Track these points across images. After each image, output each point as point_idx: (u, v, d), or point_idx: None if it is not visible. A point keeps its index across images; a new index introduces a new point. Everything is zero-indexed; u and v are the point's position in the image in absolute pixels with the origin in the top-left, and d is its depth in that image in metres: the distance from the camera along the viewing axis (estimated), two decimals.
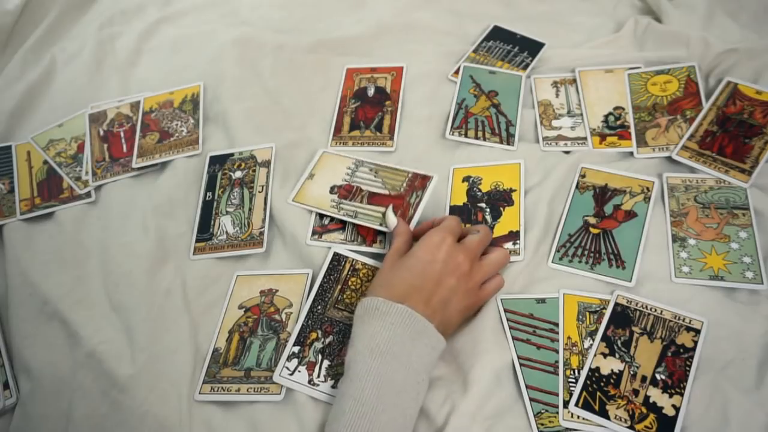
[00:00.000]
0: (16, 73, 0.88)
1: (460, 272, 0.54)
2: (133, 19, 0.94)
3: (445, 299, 0.53)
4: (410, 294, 0.52)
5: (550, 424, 0.52)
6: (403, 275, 0.54)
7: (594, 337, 0.56)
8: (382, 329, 0.50)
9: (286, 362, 0.56)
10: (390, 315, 0.50)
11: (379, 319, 0.51)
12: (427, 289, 0.53)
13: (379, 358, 0.48)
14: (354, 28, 0.88)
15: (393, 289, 0.53)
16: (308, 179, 0.67)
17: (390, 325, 0.50)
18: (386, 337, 0.49)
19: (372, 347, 0.49)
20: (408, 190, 0.67)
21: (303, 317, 0.58)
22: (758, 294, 0.58)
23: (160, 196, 0.71)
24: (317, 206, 0.66)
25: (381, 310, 0.51)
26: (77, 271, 0.66)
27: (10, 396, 0.58)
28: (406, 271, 0.54)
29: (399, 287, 0.53)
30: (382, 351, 0.49)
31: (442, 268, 0.54)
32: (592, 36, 0.84)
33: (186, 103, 0.80)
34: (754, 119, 0.69)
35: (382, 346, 0.49)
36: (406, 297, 0.52)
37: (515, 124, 0.74)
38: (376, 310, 0.51)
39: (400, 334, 0.50)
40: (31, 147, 0.78)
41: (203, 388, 0.56)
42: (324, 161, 0.68)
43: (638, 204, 0.65)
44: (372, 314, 0.51)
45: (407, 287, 0.53)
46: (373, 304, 0.52)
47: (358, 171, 0.68)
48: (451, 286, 0.54)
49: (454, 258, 0.54)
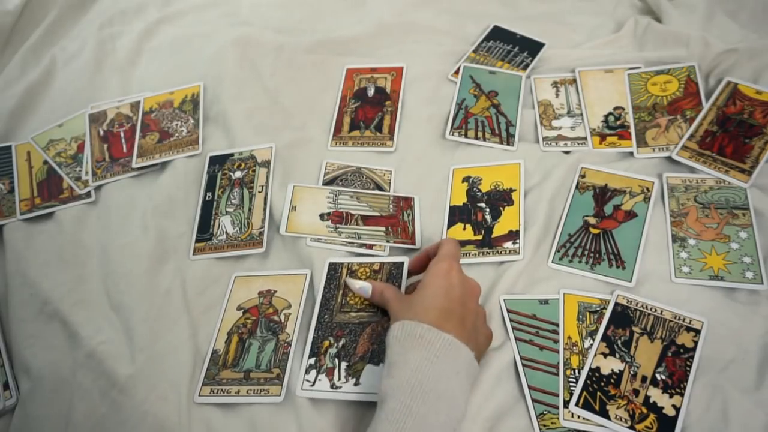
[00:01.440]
0: (16, 73, 0.88)
1: (476, 295, 0.53)
2: (133, 19, 0.94)
3: (474, 323, 0.51)
4: (446, 318, 0.48)
5: (553, 425, 0.52)
6: (431, 300, 0.49)
7: (594, 337, 0.56)
8: (427, 363, 0.45)
9: (305, 375, 0.55)
10: (434, 346, 0.46)
11: (422, 350, 0.46)
12: (458, 312, 0.49)
13: (420, 397, 0.43)
14: (354, 28, 0.88)
15: (428, 314, 0.48)
16: (292, 211, 0.66)
17: (435, 359, 0.45)
18: (431, 374, 0.44)
19: (414, 384, 0.44)
20: (397, 210, 0.67)
21: (312, 329, 0.58)
22: (758, 294, 0.58)
23: (160, 196, 0.71)
24: (313, 233, 0.65)
25: (425, 339, 0.46)
26: (77, 271, 0.66)
27: (10, 396, 0.58)
28: (431, 297, 0.50)
29: (433, 311, 0.48)
30: (425, 390, 0.44)
31: (462, 291, 0.51)
32: (592, 36, 0.84)
33: (186, 103, 0.80)
34: (754, 119, 0.69)
35: (425, 384, 0.44)
36: (443, 321, 0.47)
37: (515, 124, 0.74)
38: (421, 339, 0.46)
39: (446, 371, 0.45)
40: (31, 147, 0.78)
41: (203, 390, 0.56)
42: (299, 193, 0.68)
43: (638, 204, 0.65)
44: (414, 342, 0.46)
45: (440, 311, 0.48)
46: (417, 331, 0.47)
47: (339, 198, 0.68)
48: (475, 310, 0.52)
49: (468, 281, 0.53)
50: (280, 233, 0.65)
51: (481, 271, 0.62)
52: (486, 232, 0.65)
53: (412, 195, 0.69)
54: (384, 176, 0.71)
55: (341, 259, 0.62)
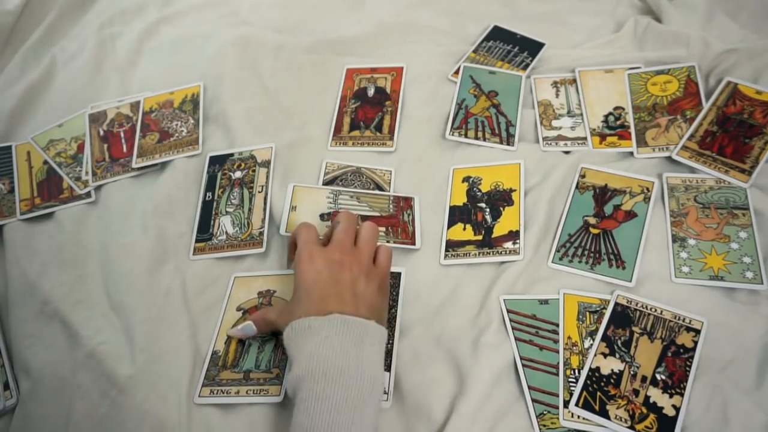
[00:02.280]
0: (16, 73, 0.88)
1: (346, 265, 0.52)
2: (133, 19, 0.94)
3: (354, 290, 0.51)
4: (325, 302, 0.49)
5: (552, 425, 0.52)
6: (305, 295, 0.51)
7: (594, 337, 0.56)
8: (319, 346, 0.46)
9: None
10: (324, 328, 0.47)
11: (312, 337, 0.47)
12: (333, 291, 0.50)
13: (322, 379, 0.44)
14: (354, 28, 0.88)
15: (308, 307, 0.49)
16: (292, 211, 0.66)
17: (326, 339, 0.46)
18: (326, 354, 0.45)
19: (312, 369, 0.45)
20: (397, 210, 0.67)
21: None
22: (758, 294, 0.58)
23: (160, 196, 0.71)
24: None
25: (313, 328, 0.47)
26: (77, 271, 0.66)
27: (10, 396, 0.58)
28: (304, 294, 0.51)
29: (310, 303, 0.49)
30: (325, 370, 0.44)
31: (329, 272, 0.51)
32: (592, 36, 0.84)
33: (186, 103, 0.80)
34: (754, 119, 0.69)
35: (323, 365, 0.45)
36: (323, 306, 0.49)
37: (515, 125, 0.74)
38: (309, 329, 0.47)
39: (342, 346, 0.46)
40: (31, 147, 0.78)
41: (203, 391, 0.56)
42: (299, 193, 0.68)
43: (638, 204, 0.65)
44: (304, 334, 0.47)
45: (317, 299, 0.49)
46: (304, 324, 0.48)
47: (339, 198, 0.68)
48: (350, 278, 0.51)
49: (331, 258, 0.52)
50: (280, 233, 0.65)
51: (481, 271, 0.62)
52: (486, 232, 0.65)
53: (412, 195, 0.69)
54: (384, 176, 0.71)
55: None
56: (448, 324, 0.59)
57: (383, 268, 0.56)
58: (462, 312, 0.60)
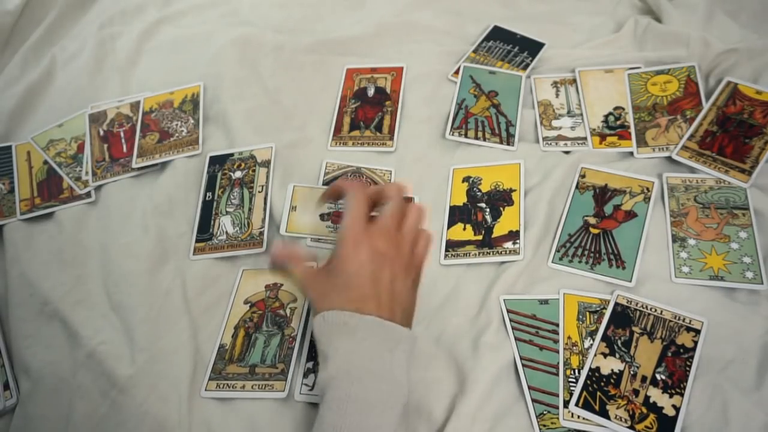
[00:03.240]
0: (16, 73, 0.88)
1: (388, 260, 0.50)
2: (133, 19, 0.94)
3: (392, 291, 0.50)
4: (363, 300, 0.48)
5: (552, 425, 0.52)
6: (344, 285, 0.49)
7: (594, 337, 0.56)
8: (356, 347, 0.45)
9: (303, 380, 0.55)
10: (360, 329, 0.46)
11: (348, 336, 0.46)
12: (372, 291, 0.49)
13: (357, 382, 0.44)
14: (354, 28, 0.88)
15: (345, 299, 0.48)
16: (292, 211, 0.66)
17: (363, 341, 0.46)
18: (362, 356, 0.45)
19: (348, 369, 0.45)
20: None
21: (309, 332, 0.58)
22: (758, 294, 0.58)
23: (160, 196, 0.71)
24: (314, 233, 0.65)
25: (349, 325, 0.46)
26: (77, 271, 0.66)
27: (10, 396, 0.58)
28: (342, 283, 0.49)
29: (348, 296, 0.48)
30: (360, 374, 0.44)
31: (371, 269, 0.49)
32: (592, 36, 0.84)
33: (186, 103, 0.80)
34: (754, 119, 0.69)
35: (359, 367, 0.45)
36: (361, 303, 0.47)
37: (515, 124, 0.74)
38: (345, 326, 0.46)
39: (377, 350, 0.46)
40: (31, 147, 0.78)
41: (209, 385, 0.56)
42: (299, 193, 0.68)
43: (638, 204, 0.65)
44: (338, 330, 0.47)
45: (356, 294, 0.48)
46: (339, 319, 0.47)
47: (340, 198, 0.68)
48: (389, 277, 0.50)
49: (375, 249, 0.50)
50: (281, 233, 0.65)
51: (481, 271, 0.62)
52: (486, 232, 0.65)
53: (412, 195, 0.69)
54: (384, 176, 0.71)
55: None
56: (448, 324, 0.59)
57: (421, 259, 0.54)
58: (462, 312, 0.60)
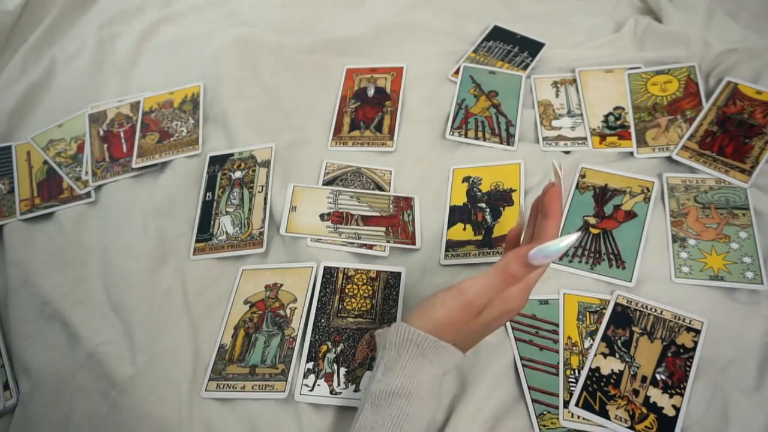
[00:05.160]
0: (16, 73, 0.88)
1: (510, 317, 0.47)
2: (133, 19, 0.94)
3: (483, 334, 0.48)
4: (453, 334, 0.46)
5: (552, 425, 0.52)
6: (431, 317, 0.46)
7: (594, 337, 0.56)
8: (422, 369, 0.45)
9: (304, 380, 0.55)
10: (429, 354, 0.45)
11: (418, 357, 0.45)
12: (470, 336, 0.47)
13: (417, 401, 0.45)
14: (354, 28, 0.88)
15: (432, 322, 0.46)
16: (292, 211, 0.66)
17: (429, 365, 0.45)
18: (424, 379, 0.45)
19: (411, 390, 0.45)
20: (397, 210, 0.67)
21: (309, 333, 0.58)
22: (758, 294, 0.58)
23: (160, 197, 0.71)
24: (314, 233, 0.65)
25: (422, 347, 0.45)
26: (77, 271, 0.66)
27: (10, 397, 0.58)
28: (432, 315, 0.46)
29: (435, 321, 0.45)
30: (420, 395, 0.45)
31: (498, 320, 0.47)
32: (592, 36, 0.84)
33: (186, 103, 0.80)
34: (754, 119, 0.69)
35: (421, 389, 0.45)
36: (442, 329, 0.45)
37: (515, 124, 0.74)
38: (416, 346, 0.45)
39: (436, 373, 0.46)
40: (31, 147, 0.78)
41: (209, 386, 0.56)
42: (299, 193, 0.68)
43: (638, 204, 0.65)
44: (410, 348, 0.46)
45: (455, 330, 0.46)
46: (415, 337, 0.45)
47: (339, 199, 0.68)
48: (483, 323, 0.46)
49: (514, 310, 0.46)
50: (280, 233, 0.65)
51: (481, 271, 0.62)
52: (486, 232, 0.65)
53: (412, 195, 0.69)
54: (384, 176, 0.71)
55: (337, 264, 0.62)
56: None
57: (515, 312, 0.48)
58: None
